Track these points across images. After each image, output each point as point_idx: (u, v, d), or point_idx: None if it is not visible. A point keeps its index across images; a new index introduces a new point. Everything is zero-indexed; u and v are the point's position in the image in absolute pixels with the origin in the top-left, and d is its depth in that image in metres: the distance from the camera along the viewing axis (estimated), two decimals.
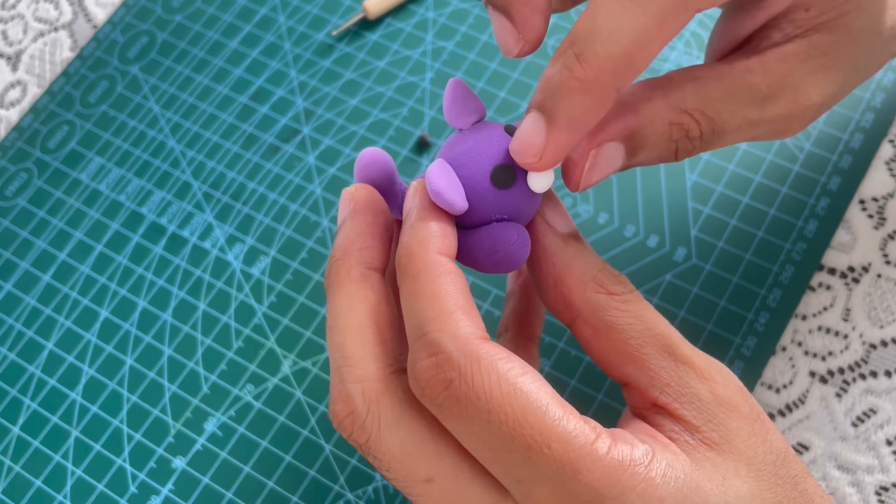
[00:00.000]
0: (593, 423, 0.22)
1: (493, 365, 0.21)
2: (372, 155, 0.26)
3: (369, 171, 0.26)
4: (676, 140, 0.25)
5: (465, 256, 0.25)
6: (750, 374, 0.34)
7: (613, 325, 0.24)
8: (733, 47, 0.27)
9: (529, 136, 0.23)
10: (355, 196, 0.26)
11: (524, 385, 0.21)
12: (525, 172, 0.24)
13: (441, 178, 0.24)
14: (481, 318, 0.22)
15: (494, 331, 0.36)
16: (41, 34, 0.47)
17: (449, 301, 0.22)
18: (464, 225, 0.25)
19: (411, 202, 0.24)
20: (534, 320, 0.30)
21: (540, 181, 0.24)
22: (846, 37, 0.26)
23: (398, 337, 0.24)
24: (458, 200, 0.24)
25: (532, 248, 0.25)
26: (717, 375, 0.23)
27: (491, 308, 0.37)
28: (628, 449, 0.21)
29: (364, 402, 0.23)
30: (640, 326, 0.24)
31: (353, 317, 0.24)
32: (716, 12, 0.42)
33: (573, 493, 0.21)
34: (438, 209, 0.24)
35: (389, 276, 0.26)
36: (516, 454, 0.21)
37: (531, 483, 0.21)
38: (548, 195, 0.26)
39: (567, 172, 0.25)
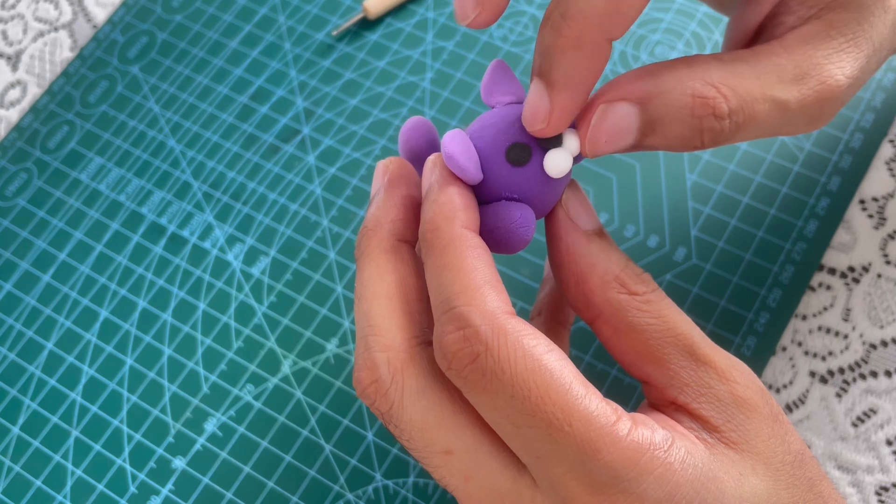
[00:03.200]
0: (615, 404, 0.22)
1: (520, 341, 0.21)
2: (416, 122, 0.26)
3: (412, 135, 0.26)
4: (700, 117, 0.23)
5: None
6: None
7: (634, 326, 0.23)
8: (748, 38, 0.27)
9: (535, 103, 0.23)
10: (389, 168, 0.26)
11: (549, 362, 0.21)
12: (542, 154, 0.24)
13: (456, 144, 0.24)
14: (506, 293, 0.22)
15: None
16: (41, 34, 0.47)
17: (476, 275, 0.22)
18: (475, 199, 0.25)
19: (430, 176, 0.24)
20: (567, 307, 0.30)
21: (555, 165, 0.24)
22: (859, 13, 0.25)
23: (425, 310, 0.24)
24: (471, 168, 0.24)
25: (554, 245, 0.25)
26: (738, 376, 0.23)
27: None
28: (648, 432, 0.21)
29: (389, 371, 0.23)
30: (662, 327, 0.23)
31: (381, 287, 0.24)
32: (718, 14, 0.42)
33: (591, 473, 0.21)
34: (460, 183, 0.24)
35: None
36: (537, 430, 0.21)
37: (550, 460, 0.21)
38: (572, 190, 0.25)
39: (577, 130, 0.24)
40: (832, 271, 0.36)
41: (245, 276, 0.39)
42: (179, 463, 0.36)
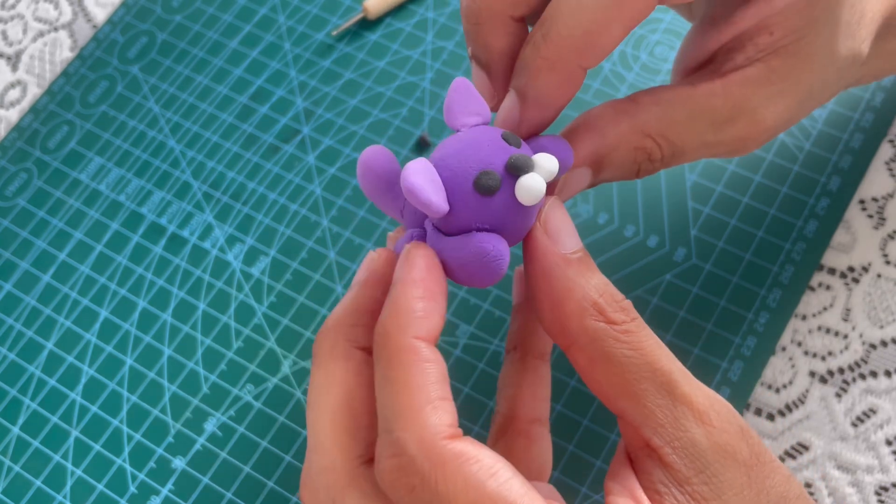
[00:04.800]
0: None
1: (459, 469, 0.20)
2: (369, 158, 0.25)
3: (366, 175, 0.25)
4: (639, 162, 0.26)
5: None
6: (750, 374, 0.34)
7: (610, 357, 0.22)
8: (699, 63, 0.28)
9: (506, 114, 0.25)
10: (373, 266, 0.24)
11: (491, 489, 0.20)
12: (513, 181, 0.23)
13: (418, 176, 0.22)
14: (454, 410, 0.22)
15: (488, 335, 0.36)
16: (41, 34, 0.47)
17: (419, 395, 0.21)
18: (443, 230, 0.23)
19: (399, 270, 0.23)
20: (543, 337, 0.29)
21: (527, 192, 0.22)
22: (803, 62, 0.26)
23: (374, 424, 0.23)
24: (435, 201, 0.22)
25: (529, 267, 0.24)
26: (715, 418, 0.22)
27: (491, 308, 0.37)
28: None
29: (327, 495, 0.22)
30: (639, 360, 0.22)
31: (328, 399, 0.23)
32: None
33: None
34: (428, 284, 0.22)
35: None
36: None
37: None
38: (552, 208, 0.24)
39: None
40: (832, 271, 0.36)
41: (245, 276, 0.39)
42: (179, 463, 0.36)
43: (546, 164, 0.23)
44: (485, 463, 0.21)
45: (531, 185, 0.22)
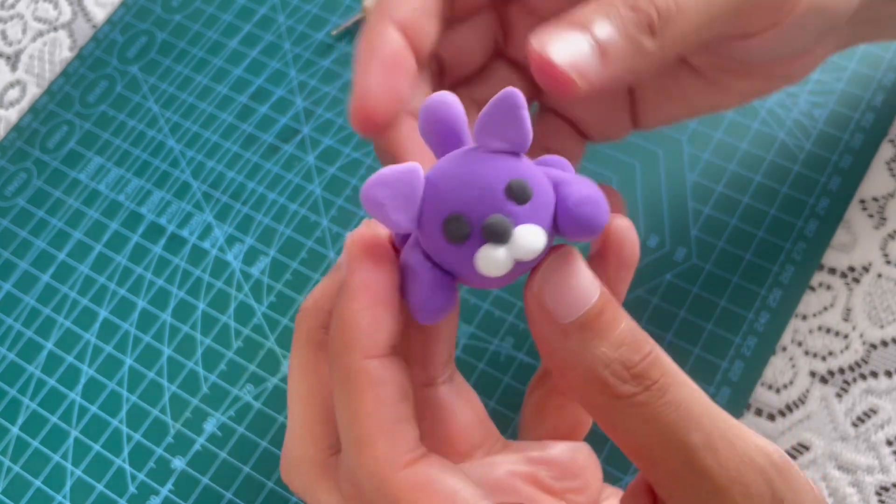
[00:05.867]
0: None
1: (411, 499, 0.19)
2: (432, 103, 0.20)
3: (430, 129, 0.20)
4: (641, 25, 0.22)
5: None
6: (750, 374, 0.34)
7: (618, 427, 0.20)
8: None
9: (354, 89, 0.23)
10: (352, 251, 0.20)
11: None
12: (479, 242, 0.19)
13: (386, 189, 0.19)
14: (414, 431, 0.20)
15: (488, 335, 0.36)
16: (40, 34, 0.47)
17: (371, 423, 0.19)
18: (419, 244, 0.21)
19: (346, 271, 0.20)
20: None
21: (485, 265, 0.19)
22: None
23: None
24: (400, 220, 0.19)
25: (530, 325, 0.20)
26: (738, 496, 0.19)
27: (491, 308, 0.37)
28: None
29: (301, 484, 0.22)
30: (654, 431, 0.19)
31: (301, 387, 0.23)
32: None
33: None
34: (375, 286, 0.20)
35: None
36: None
37: None
38: (555, 264, 0.20)
39: (543, 71, 0.21)
40: (832, 271, 0.36)
41: (244, 276, 0.39)
42: (179, 463, 0.36)
43: (524, 241, 0.19)
44: (442, 491, 0.19)
45: (489, 261, 0.19)
